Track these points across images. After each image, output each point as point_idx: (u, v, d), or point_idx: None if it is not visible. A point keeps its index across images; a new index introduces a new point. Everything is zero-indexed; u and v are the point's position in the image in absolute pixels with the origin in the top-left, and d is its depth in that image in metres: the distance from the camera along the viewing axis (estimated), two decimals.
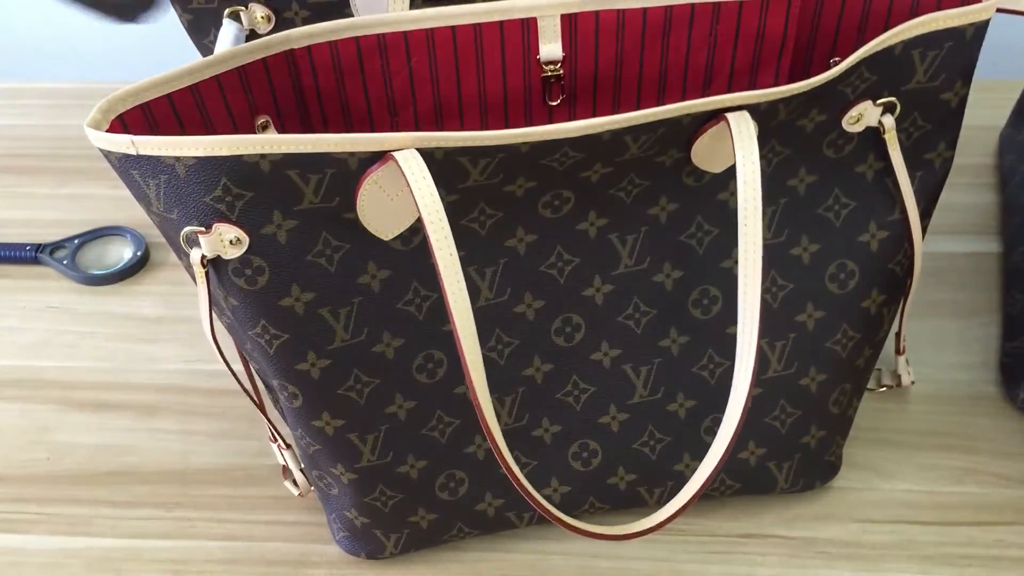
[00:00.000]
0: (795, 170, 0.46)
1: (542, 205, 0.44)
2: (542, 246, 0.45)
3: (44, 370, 0.65)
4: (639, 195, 0.45)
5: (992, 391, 0.60)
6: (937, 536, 0.53)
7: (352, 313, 0.44)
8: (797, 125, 0.44)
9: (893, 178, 0.47)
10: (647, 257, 0.46)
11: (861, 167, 0.46)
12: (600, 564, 0.53)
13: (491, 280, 0.45)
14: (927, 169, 0.47)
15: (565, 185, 0.43)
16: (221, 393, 0.63)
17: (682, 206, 0.45)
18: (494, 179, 0.41)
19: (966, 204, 0.73)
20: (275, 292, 0.42)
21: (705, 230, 0.46)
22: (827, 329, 0.49)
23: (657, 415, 0.50)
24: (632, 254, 0.46)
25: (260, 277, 0.41)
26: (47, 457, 0.60)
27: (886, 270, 0.49)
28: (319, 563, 0.54)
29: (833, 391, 0.51)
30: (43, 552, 0.55)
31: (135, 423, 0.62)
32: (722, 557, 0.53)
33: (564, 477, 0.51)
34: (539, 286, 0.46)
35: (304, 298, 0.42)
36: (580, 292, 0.46)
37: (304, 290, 0.42)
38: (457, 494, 0.51)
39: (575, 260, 0.45)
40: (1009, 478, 0.55)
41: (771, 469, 0.53)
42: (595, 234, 0.45)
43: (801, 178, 0.46)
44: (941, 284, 0.67)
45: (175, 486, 0.58)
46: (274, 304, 0.42)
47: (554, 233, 0.45)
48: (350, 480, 0.49)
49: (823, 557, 0.52)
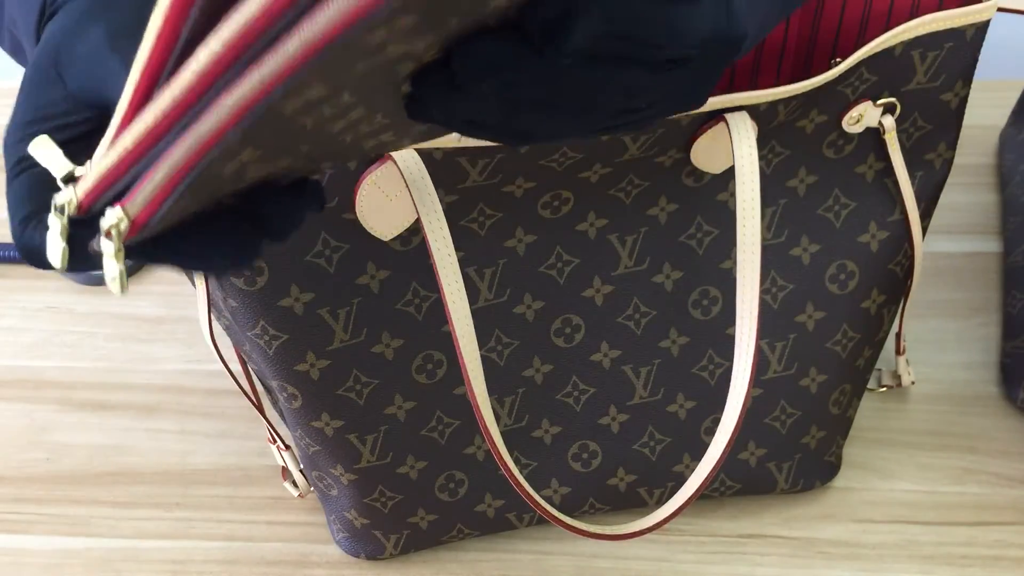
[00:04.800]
0: (795, 170, 0.46)
1: (541, 206, 0.44)
2: (541, 246, 0.45)
3: (43, 370, 0.65)
4: (639, 196, 0.44)
5: (992, 391, 0.60)
6: (937, 536, 0.53)
7: (351, 313, 0.44)
8: (797, 126, 0.44)
9: (893, 178, 0.47)
10: (647, 258, 0.46)
11: (861, 167, 0.46)
12: (600, 564, 0.53)
13: (490, 281, 0.45)
14: (927, 169, 0.47)
15: (564, 186, 0.43)
16: (220, 393, 0.63)
17: (682, 207, 0.45)
18: (493, 179, 0.41)
19: (966, 204, 0.73)
20: (274, 292, 0.42)
21: (705, 231, 0.46)
22: (827, 329, 0.49)
23: (657, 416, 0.50)
24: (632, 255, 0.46)
25: (259, 277, 0.41)
26: (46, 457, 0.60)
27: (886, 270, 0.48)
28: (319, 564, 0.54)
29: (833, 391, 0.51)
30: (42, 553, 0.55)
31: (134, 423, 0.62)
32: (722, 557, 0.53)
33: (564, 478, 0.51)
34: (539, 287, 0.46)
35: (303, 298, 0.42)
36: (580, 293, 0.46)
37: (303, 290, 0.42)
38: (457, 495, 0.51)
39: (575, 261, 0.45)
40: (1009, 478, 0.55)
41: (771, 469, 0.53)
42: (595, 235, 0.45)
43: (801, 178, 0.46)
44: (941, 284, 0.67)
45: (175, 486, 0.58)
46: (273, 304, 0.42)
47: (553, 233, 0.45)
48: (350, 481, 0.49)
49: (823, 557, 0.52)
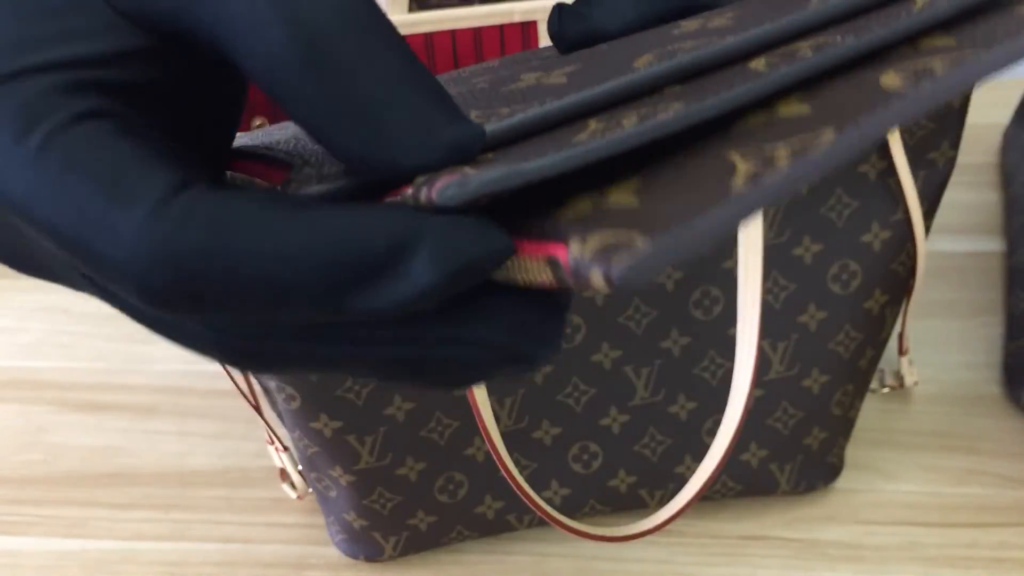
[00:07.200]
0: None
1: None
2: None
3: (40, 371, 0.65)
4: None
5: (995, 391, 0.60)
6: (940, 538, 0.53)
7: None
8: None
9: (896, 178, 0.46)
10: None
11: (863, 167, 0.46)
12: (600, 566, 0.53)
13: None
14: (930, 169, 0.47)
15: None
16: (218, 394, 0.63)
17: None
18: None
19: (969, 203, 0.72)
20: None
21: None
22: (829, 330, 0.49)
23: (658, 417, 0.50)
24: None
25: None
26: (43, 458, 0.60)
27: (889, 270, 0.48)
28: (317, 566, 0.53)
29: (835, 392, 0.51)
30: (39, 554, 0.55)
31: (132, 424, 0.61)
32: (723, 559, 0.52)
33: (564, 479, 0.51)
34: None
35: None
36: (581, 292, 0.46)
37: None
38: (456, 496, 0.50)
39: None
40: (1012, 479, 0.55)
41: (773, 471, 0.53)
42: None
43: None
44: (944, 284, 0.66)
45: (172, 488, 0.58)
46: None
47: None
48: (348, 482, 0.49)
49: (825, 559, 0.52)
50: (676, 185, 0.19)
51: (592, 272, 0.17)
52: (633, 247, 0.17)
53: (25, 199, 0.19)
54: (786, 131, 0.20)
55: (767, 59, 0.23)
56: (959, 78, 0.20)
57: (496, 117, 0.22)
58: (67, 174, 0.19)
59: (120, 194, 0.19)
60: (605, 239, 0.18)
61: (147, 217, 0.19)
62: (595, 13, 0.30)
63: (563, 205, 0.20)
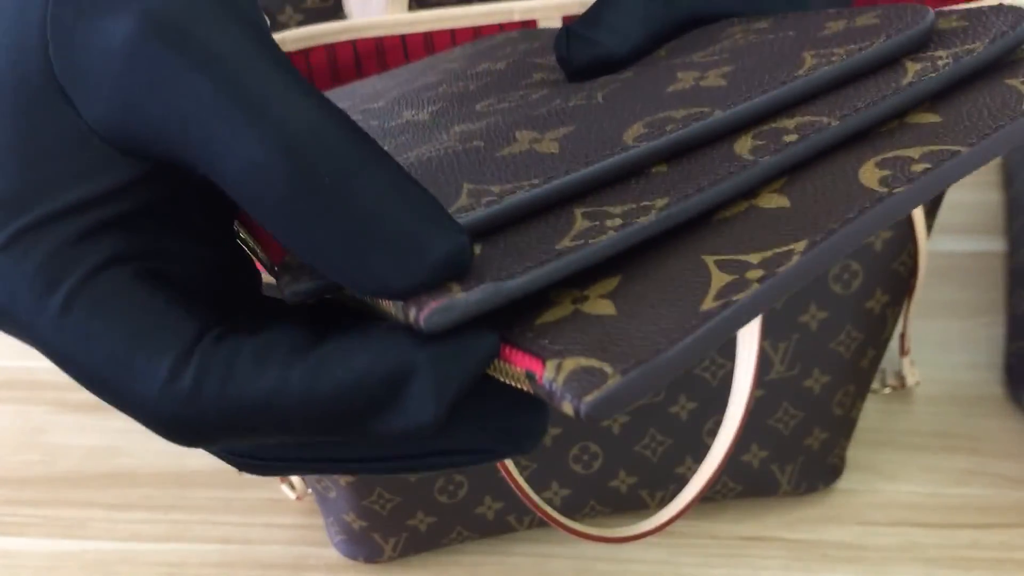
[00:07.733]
0: None
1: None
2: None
3: (37, 371, 0.65)
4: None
5: (997, 392, 0.60)
6: (941, 539, 0.52)
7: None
8: None
9: None
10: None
11: None
12: (600, 567, 0.52)
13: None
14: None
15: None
16: None
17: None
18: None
19: (971, 203, 0.72)
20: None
21: None
22: (831, 330, 0.49)
23: (658, 417, 0.50)
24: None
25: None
26: (41, 459, 0.60)
27: (890, 270, 0.48)
28: (316, 566, 0.53)
29: (837, 392, 0.51)
30: (37, 555, 0.54)
31: (130, 425, 0.61)
32: (724, 560, 0.52)
33: (564, 480, 0.51)
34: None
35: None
36: None
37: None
38: (456, 497, 0.50)
39: None
40: (1014, 480, 0.55)
41: (774, 471, 0.53)
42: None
43: None
44: (946, 284, 0.66)
45: (170, 488, 0.58)
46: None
47: None
48: (348, 483, 0.49)
49: (826, 560, 0.52)
50: (653, 296, 0.20)
51: (563, 403, 0.19)
52: (604, 385, 0.18)
53: (55, 354, 0.22)
54: (763, 236, 0.21)
55: (753, 141, 0.24)
56: (937, 181, 0.22)
57: (487, 196, 0.23)
58: (90, 340, 0.21)
59: (139, 356, 0.21)
60: (579, 364, 0.19)
61: (166, 382, 0.21)
62: (603, 38, 0.30)
63: (544, 301, 0.21)
